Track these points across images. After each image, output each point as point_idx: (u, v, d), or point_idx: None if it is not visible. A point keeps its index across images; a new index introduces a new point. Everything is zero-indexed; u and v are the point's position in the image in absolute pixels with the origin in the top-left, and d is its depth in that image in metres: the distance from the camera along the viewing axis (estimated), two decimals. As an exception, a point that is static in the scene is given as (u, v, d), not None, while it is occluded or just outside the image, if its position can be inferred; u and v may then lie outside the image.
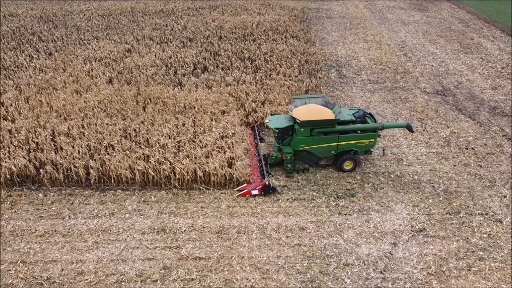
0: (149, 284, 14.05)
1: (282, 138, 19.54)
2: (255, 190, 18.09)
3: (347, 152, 19.61)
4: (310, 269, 14.59)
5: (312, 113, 18.82)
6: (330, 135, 19.11)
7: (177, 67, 30.34)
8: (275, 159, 19.91)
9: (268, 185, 18.11)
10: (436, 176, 19.54)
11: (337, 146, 19.32)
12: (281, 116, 20.37)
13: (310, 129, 18.91)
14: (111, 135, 20.63)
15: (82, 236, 16.08)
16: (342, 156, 19.61)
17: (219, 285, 13.99)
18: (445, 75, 31.10)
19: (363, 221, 16.81)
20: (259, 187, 18.08)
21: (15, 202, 17.92)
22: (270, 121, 20.02)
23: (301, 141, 19.13)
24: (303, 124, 18.67)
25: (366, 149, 19.77)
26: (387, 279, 14.18)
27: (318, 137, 19.06)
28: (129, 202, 17.96)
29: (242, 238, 15.97)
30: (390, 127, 20.07)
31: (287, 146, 19.48)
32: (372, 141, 19.51)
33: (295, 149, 19.33)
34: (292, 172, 19.59)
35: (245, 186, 18.39)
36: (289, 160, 19.20)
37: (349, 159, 19.64)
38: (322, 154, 19.60)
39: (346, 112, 20.30)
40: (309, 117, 18.66)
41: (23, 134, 20.77)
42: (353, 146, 19.43)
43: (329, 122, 18.81)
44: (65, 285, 14.01)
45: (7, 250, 15.44)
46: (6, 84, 27.02)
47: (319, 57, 33.41)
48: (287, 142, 19.52)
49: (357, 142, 19.34)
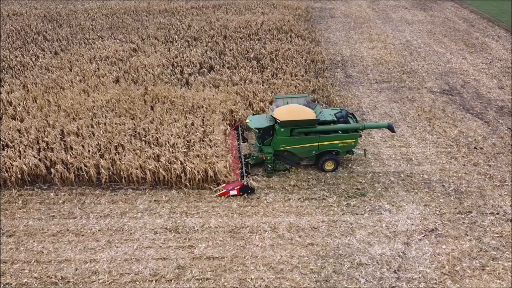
0: (163, 283, 14.05)
1: (263, 138, 19.42)
2: (234, 191, 18.02)
3: (329, 152, 19.48)
4: (324, 268, 14.60)
5: (292, 113, 18.68)
6: (310, 135, 18.98)
7: (183, 67, 30.30)
8: (256, 159, 19.80)
9: (246, 185, 18.04)
10: (446, 176, 19.55)
11: (318, 146, 19.22)
12: (263, 116, 20.27)
13: (291, 129, 18.77)
14: (120, 135, 20.60)
15: (94, 236, 16.08)
16: (324, 156, 19.50)
17: (233, 284, 14.00)
18: (451, 75, 31.10)
19: (375, 220, 16.82)
20: (237, 187, 18.01)
21: (27, 202, 17.93)
22: (251, 120, 19.86)
23: (282, 141, 19.02)
24: (283, 124, 18.55)
25: (347, 149, 19.68)
26: (401, 278, 14.20)
27: (299, 137, 18.93)
28: (140, 201, 17.96)
29: (254, 237, 15.97)
30: (371, 128, 20.03)
31: (268, 146, 19.35)
32: (354, 142, 19.40)
33: (276, 149, 19.21)
34: (273, 172, 19.48)
35: (224, 186, 18.33)
36: (269, 160, 19.11)
37: (331, 160, 19.54)
38: (303, 154, 19.51)
39: (327, 112, 20.14)
40: (289, 117, 18.52)
41: (33, 134, 20.72)
42: (334, 147, 19.33)
43: (310, 122, 18.68)
44: (79, 284, 14.01)
45: (21, 250, 15.44)
46: (13, 84, 26.99)
47: (325, 56, 33.37)
48: (268, 142, 19.39)
49: (338, 142, 19.24)
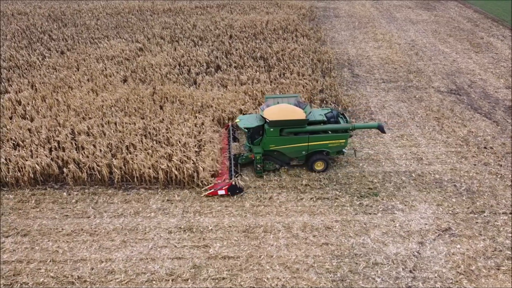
0: (180, 283, 14.07)
1: (252, 138, 19.40)
2: (222, 190, 18.01)
3: (319, 152, 19.45)
4: (339, 268, 14.62)
5: (282, 112, 18.61)
6: (300, 135, 18.93)
7: (190, 66, 30.31)
8: (246, 159, 19.77)
9: (234, 185, 18.04)
10: (457, 176, 19.58)
11: (307, 147, 19.18)
12: (252, 116, 20.22)
13: (280, 129, 18.73)
14: (131, 134, 20.61)
15: (109, 235, 16.09)
16: (313, 156, 19.47)
17: (250, 284, 14.02)
18: (457, 74, 31.13)
19: (388, 220, 16.85)
20: (225, 187, 18.00)
21: (40, 201, 17.93)
22: (240, 120, 19.80)
23: (271, 141, 18.98)
24: (272, 124, 18.50)
25: (337, 149, 19.59)
26: (417, 278, 14.22)
27: (288, 137, 18.88)
28: (153, 201, 17.97)
29: (269, 237, 15.99)
30: (361, 128, 19.98)
31: (257, 146, 19.31)
32: (344, 142, 19.32)
33: (265, 149, 19.18)
34: (262, 172, 19.47)
35: (212, 186, 18.33)
36: (258, 160, 19.08)
37: (320, 160, 19.50)
38: (292, 154, 19.47)
39: (317, 112, 20.07)
40: (279, 116, 18.47)
41: (43, 133, 20.72)
42: (324, 147, 19.28)
43: (299, 122, 18.61)
44: (96, 284, 14.02)
45: (36, 249, 15.45)
46: (21, 83, 26.98)
47: (331, 56, 33.40)
48: (257, 142, 19.36)
49: (328, 142, 19.19)
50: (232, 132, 22.13)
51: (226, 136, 21.95)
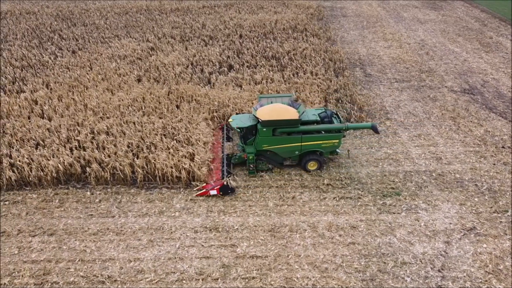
0: (210, 282, 14.09)
1: (246, 137, 19.37)
2: (214, 190, 18.00)
3: (312, 152, 19.42)
4: (368, 267, 14.66)
5: (275, 112, 18.55)
6: (293, 135, 18.89)
7: (203, 65, 30.31)
8: (239, 159, 19.75)
9: (226, 185, 18.03)
10: (477, 175, 19.63)
11: (300, 147, 19.13)
12: (246, 116, 20.21)
13: (273, 129, 18.68)
14: (152, 134, 20.61)
15: (135, 235, 16.11)
16: (307, 156, 19.43)
17: (280, 283, 14.05)
18: (469, 74, 31.18)
19: (412, 219, 16.89)
20: (217, 187, 18.00)
21: (63, 201, 17.94)
22: (233, 120, 19.78)
23: (264, 141, 18.94)
24: (265, 123, 18.47)
25: (330, 149, 19.56)
26: (446, 277, 14.27)
27: (281, 137, 18.84)
28: (176, 200, 17.99)
29: (295, 236, 16.02)
30: (355, 128, 19.97)
31: (250, 146, 19.30)
32: (337, 142, 19.27)
33: (258, 149, 19.15)
34: (255, 172, 19.46)
35: (204, 186, 18.34)
36: (251, 160, 19.07)
37: (313, 160, 19.47)
38: (285, 154, 19.44)
39: (311, 112, 20.01)
40: (271, 116, 18.42)
41: (63, 133, 20.71)
42: (317, 147, 19.23)
43: (292, 122, 18.55)
44: (126, 283, 14.04)
45: (63, 249, 15.47)
46: (35, 82, 26.96)
47: (342, 55, 33.42)
48: (250, 142, 19.34)
49: (321, 142, 19.14)
50: (226, 132, 22.07)
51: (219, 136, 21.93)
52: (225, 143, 20.98)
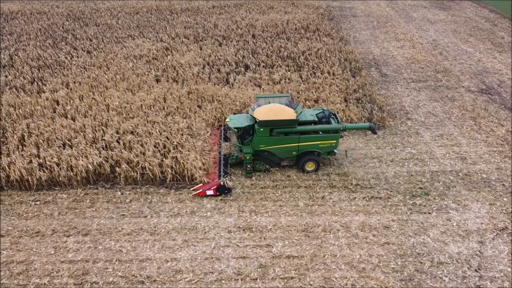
0: (249, 282, 14.12)
1: (243, 138, 19.37)
2: (210, 190, 18.02)
3: (310, 153, 19.40)
4: (405, 267, 14.71)
5: (272, 112, 18.52)
6: (291, 135, 18.87)
7: (219, 65, 30.33)
8: (236, 159, 19.76)
9: (223, 185, 18.05)
10: (504, 175, 19.70)
11: (298, 147, 19.11)
12: (243, 116, 20.20)
13: (270, 129, 18.65)
14: (178, 134, 20.62)
15: (169, 235, 16.13)
16: (304, 157, 19.42)
17: (319, 283, 14.09)
18: (485, 74, 31.27)
19: (444, 219, 16.94)
20: (214, 187, 18.01)
21: (94, 200, 17.95)
22: (231, 120, 19.76)
23: (261, 141, 18.92)
24: (262, 123, 18.45)
25: (328, 150, 19.53)
26: (483, 277, 14.32)
27: (279, 137, 18.82)
28: (206, 200, 18.02)
29: (329, 236, 16.07)
30: (352, 129, 19.95)
31: (247, 146, 19.29)
32: (334, 142, 19.25)
33: (256, 149, 19.13)
34: (252, 172, 19.45)
35: (201, 186, 18.35)
36: (248, 160, 19.05)
37: (311, 160, 19.44)
38: (283, 154, 19.43)
39: (309, 113, 19.96)
40: (269, 116, 18.39)
41: (89, 133, 20.71)
42: (314, 147, 19.21)
43: (289, 122, 18.52)
44: (166, 283, 14.07)
45: (99, 248, 15.48)
46: (54, 82, 26.94)
47: (357, 55, 33.47)
48: (247, 142, 19.35)
49: (319, 143, 19.11)
50: (224, 131, 22.08)
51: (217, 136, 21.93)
52: (222, 143, 20.91)
